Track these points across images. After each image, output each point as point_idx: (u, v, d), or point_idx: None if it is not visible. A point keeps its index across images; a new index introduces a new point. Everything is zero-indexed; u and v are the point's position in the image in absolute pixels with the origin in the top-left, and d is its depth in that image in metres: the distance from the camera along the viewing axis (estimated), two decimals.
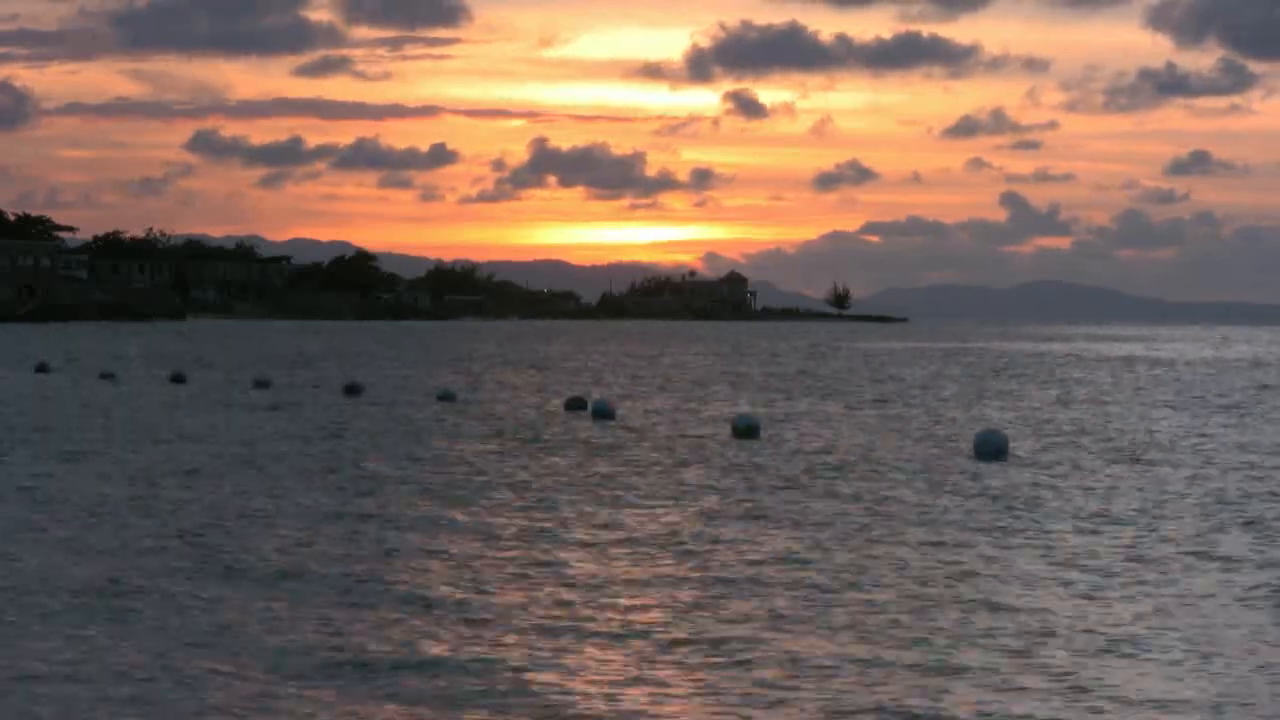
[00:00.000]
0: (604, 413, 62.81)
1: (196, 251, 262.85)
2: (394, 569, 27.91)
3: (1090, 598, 25.31)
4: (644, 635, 22.77)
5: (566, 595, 25.62)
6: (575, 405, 66.82)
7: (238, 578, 26.43)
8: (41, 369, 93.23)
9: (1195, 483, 41.50)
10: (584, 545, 30.92)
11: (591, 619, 23.51)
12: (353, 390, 76.45)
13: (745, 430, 54.51)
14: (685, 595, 25.60)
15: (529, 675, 20.42)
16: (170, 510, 34.97)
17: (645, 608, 24.50)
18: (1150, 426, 62.05)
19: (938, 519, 34.22)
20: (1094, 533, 31.96)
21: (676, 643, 22.12)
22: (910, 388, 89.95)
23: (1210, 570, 27.94)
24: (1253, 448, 52.72)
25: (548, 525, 33.59)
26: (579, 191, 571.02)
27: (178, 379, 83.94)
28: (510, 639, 22.34)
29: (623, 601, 25.07)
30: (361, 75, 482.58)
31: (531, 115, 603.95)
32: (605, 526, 33.34)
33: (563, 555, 29.69)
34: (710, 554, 29.65)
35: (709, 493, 39.18)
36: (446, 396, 72.79)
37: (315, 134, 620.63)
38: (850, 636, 22.45)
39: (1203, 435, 57.91)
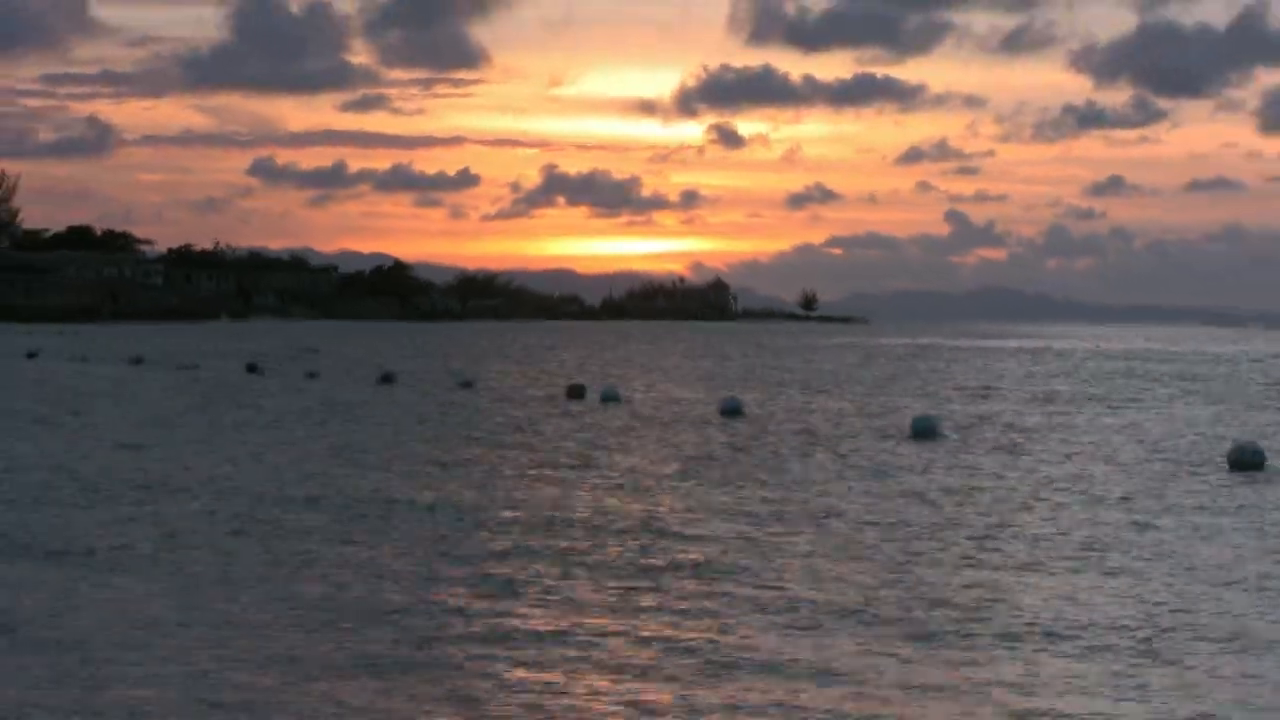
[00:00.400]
0: (612, 397, 63.02)
1: (256, 262, 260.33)
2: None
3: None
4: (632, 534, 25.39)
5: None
6: (576, 393, 66.12)
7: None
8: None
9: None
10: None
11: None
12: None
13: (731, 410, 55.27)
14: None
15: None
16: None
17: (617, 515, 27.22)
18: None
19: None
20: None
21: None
22: (863, 381, 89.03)
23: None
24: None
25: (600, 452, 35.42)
26: (583, 210, 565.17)
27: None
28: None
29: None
30: (397, 110, 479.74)
31: (543, 145, 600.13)
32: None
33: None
34: (696, 490, 32.10)
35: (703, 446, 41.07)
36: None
37: (357, 161, 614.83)
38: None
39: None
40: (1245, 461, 37.43)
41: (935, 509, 29.91)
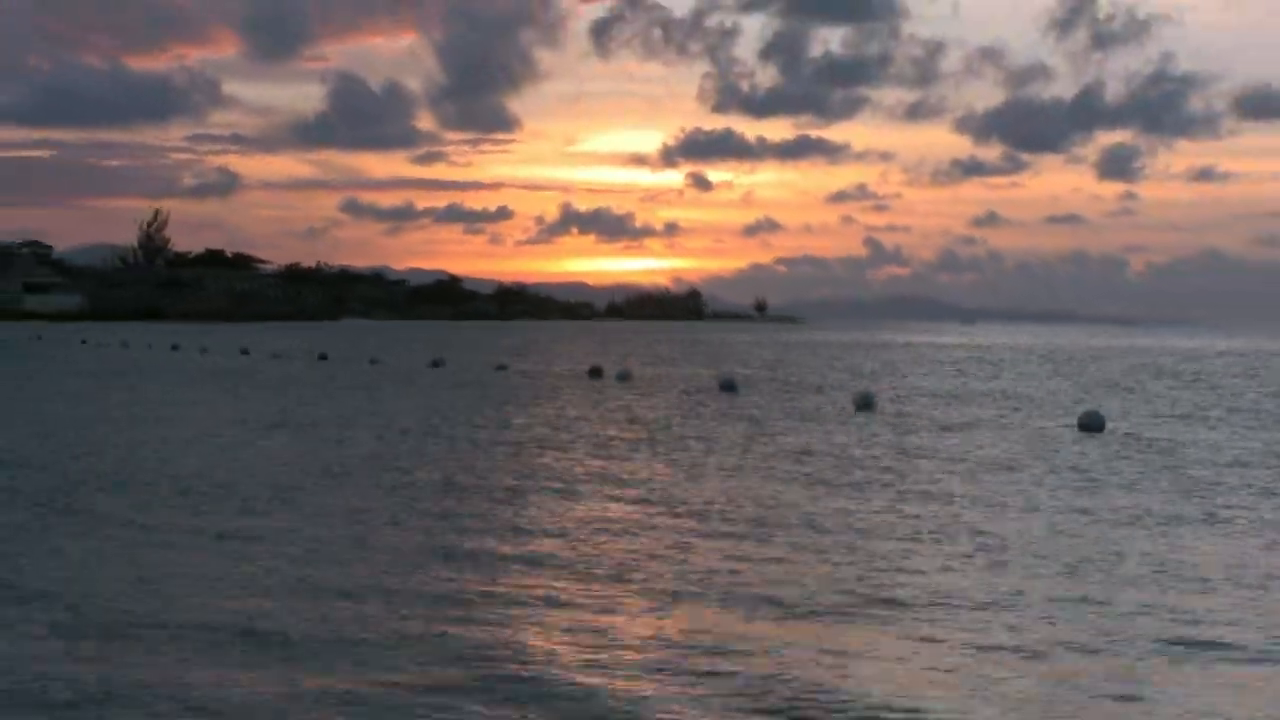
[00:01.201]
0: (624, 376, 63.38)
1: (346, 276, 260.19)
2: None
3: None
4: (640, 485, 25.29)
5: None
6: (595, 374, 65.94)
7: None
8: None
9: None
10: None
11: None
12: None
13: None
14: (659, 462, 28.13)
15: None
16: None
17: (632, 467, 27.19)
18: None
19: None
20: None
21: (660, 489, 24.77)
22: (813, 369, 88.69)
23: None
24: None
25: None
26: (591, 238, 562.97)
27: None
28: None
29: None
30: (452, 163, 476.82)
31: (561, 189, 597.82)
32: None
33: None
34: (681, 443, 31.83)
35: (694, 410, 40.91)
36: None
37: (421, 200, 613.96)
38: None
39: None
40: (1091, 425, 37.64)
41: (870, 461, 29.66)
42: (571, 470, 27.39)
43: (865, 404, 45.78)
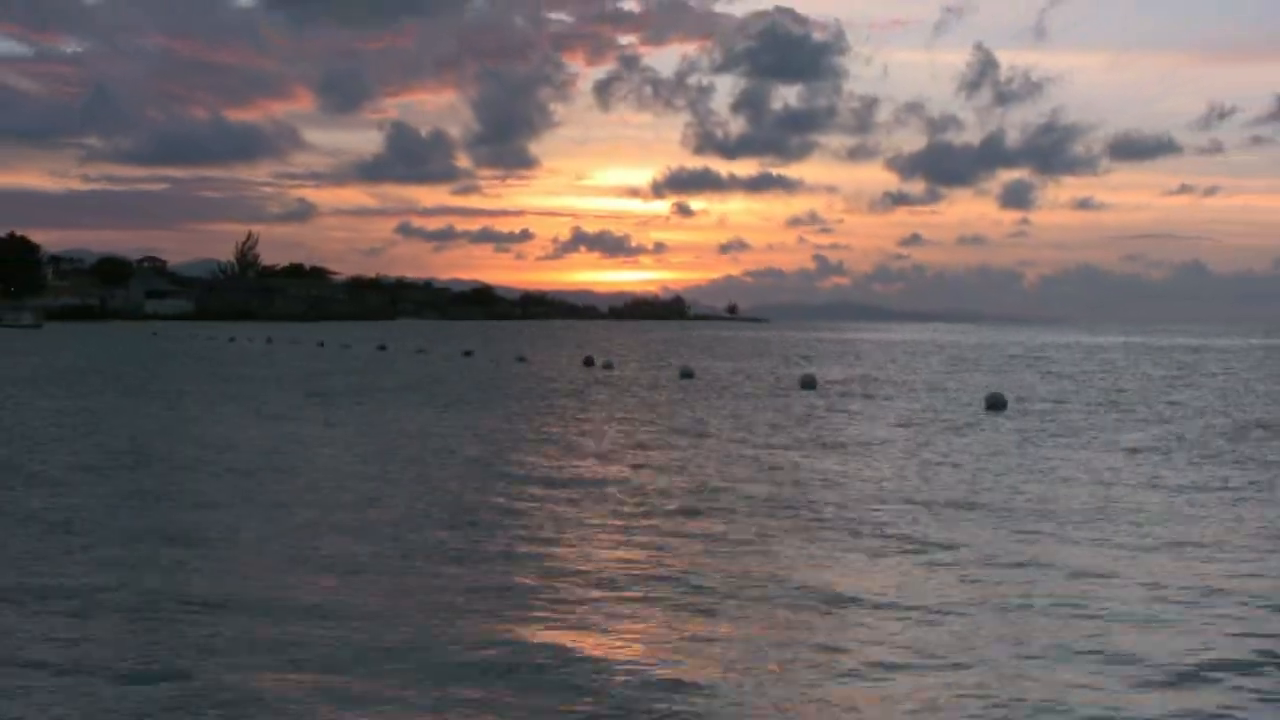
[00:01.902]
0: (609, 365, 62.56)
1: (401, 285, 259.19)
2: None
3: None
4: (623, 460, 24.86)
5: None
6: (589, 361, 65.35)
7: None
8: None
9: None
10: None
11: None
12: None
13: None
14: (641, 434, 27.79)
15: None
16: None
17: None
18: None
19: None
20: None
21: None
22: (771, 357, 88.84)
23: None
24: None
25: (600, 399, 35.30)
26: (597, 255, 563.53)
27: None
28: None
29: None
30: (484, 194, 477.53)
31: (572, 215, 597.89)
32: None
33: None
34: (663, 416, 31.61)
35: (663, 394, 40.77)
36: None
37: (461, 224, 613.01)
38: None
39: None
40: (995, 403, 37.10)
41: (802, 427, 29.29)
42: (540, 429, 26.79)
43: (809, 384, 45.24)
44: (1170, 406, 37.46)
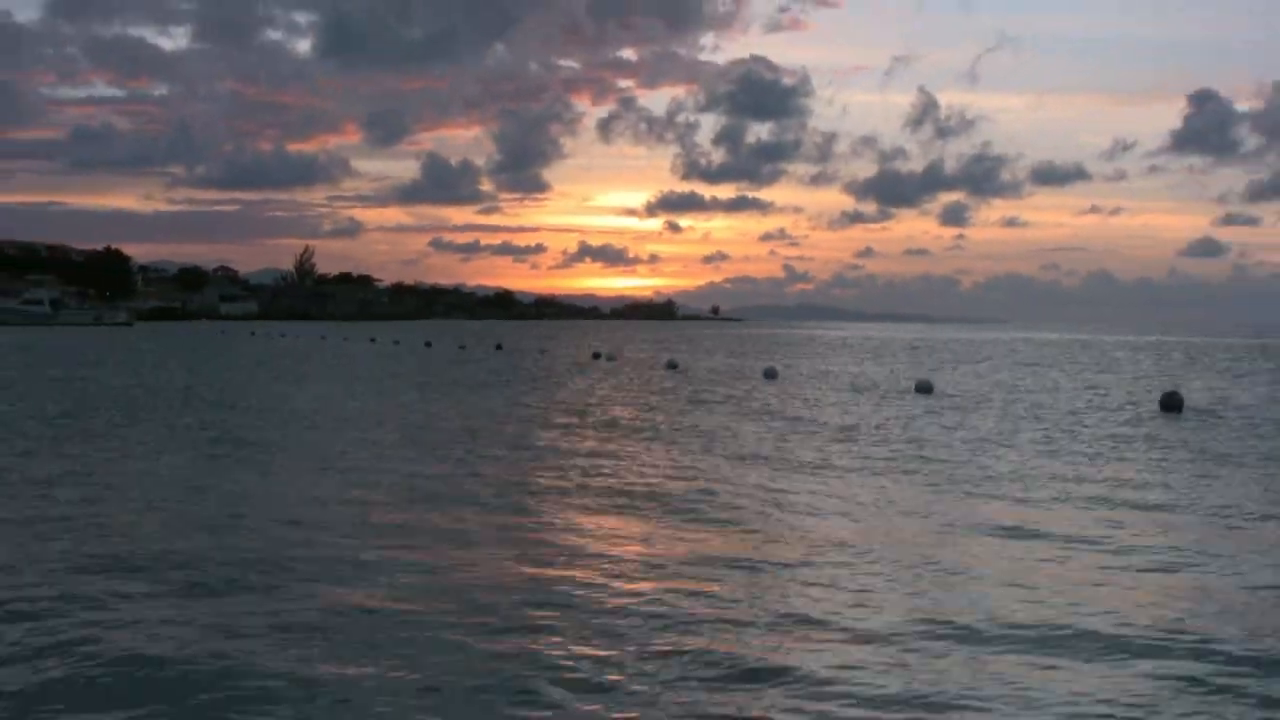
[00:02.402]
0: (612, 358, 62.51)
1: (436, 290, 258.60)
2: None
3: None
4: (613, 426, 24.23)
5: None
6: (596, 355, 65.39)
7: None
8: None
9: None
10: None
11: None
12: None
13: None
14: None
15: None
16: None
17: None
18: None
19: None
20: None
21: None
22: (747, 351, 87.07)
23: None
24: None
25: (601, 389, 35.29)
26: (600, 264, 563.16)
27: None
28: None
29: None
30: (505, 213, 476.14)
31: (579, 231, 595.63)
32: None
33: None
34: (661, 403, 32.10)
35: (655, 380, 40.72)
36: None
37: (485, 238, 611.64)
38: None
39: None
40: (923, 387, 37.15)
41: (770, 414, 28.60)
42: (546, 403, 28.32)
43: (771, 374, 44.94)
44: (1050, 394, 36.16)
